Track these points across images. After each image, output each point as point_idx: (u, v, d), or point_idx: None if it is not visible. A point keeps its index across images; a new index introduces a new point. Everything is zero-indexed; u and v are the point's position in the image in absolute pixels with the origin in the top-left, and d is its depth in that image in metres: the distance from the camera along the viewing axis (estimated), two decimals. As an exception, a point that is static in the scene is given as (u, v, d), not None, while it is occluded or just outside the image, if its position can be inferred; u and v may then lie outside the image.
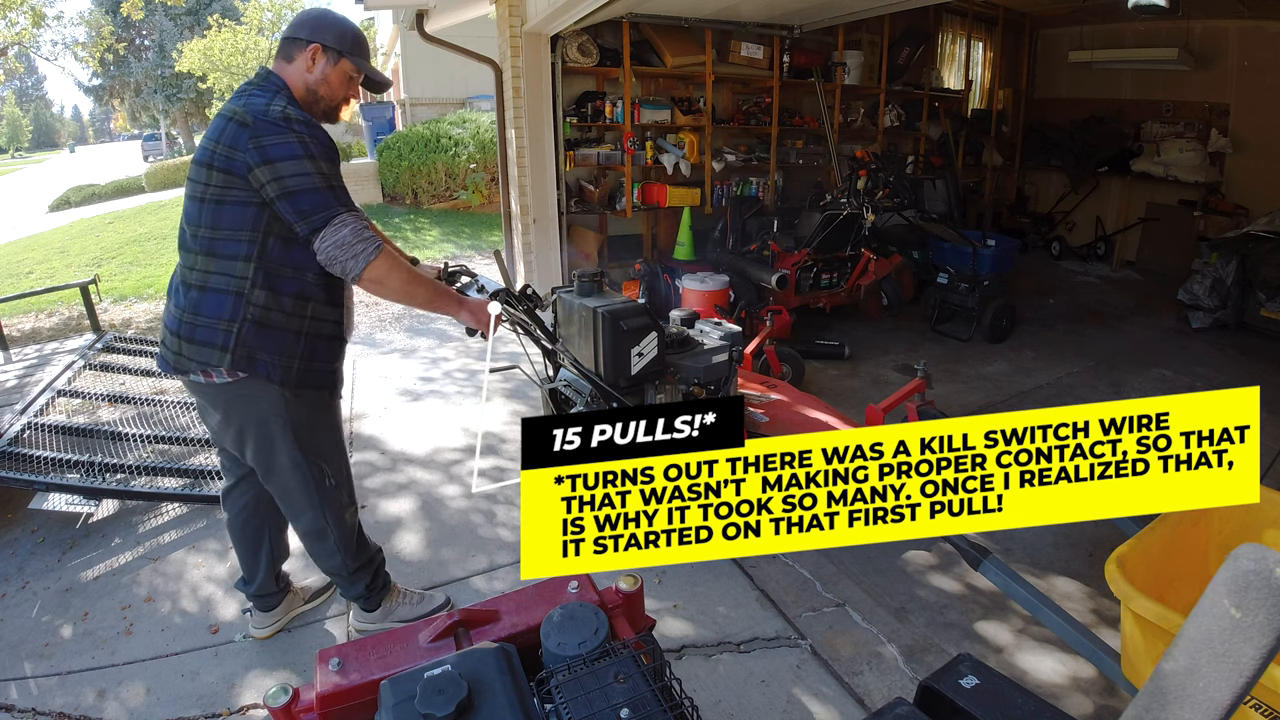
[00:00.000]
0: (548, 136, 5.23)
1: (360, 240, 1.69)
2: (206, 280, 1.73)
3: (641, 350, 2.53)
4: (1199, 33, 6.49)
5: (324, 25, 1.80)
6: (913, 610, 2.41)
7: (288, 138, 1.64)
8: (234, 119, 1.67)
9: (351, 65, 1.83)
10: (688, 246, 5.72)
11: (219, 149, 1.67)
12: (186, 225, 1.75)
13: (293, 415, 1.86)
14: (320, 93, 1.82)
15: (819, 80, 6.19)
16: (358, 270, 1.69)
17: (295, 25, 1.81)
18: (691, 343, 2.92)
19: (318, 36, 1.78)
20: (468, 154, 10.86)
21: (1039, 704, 1.07)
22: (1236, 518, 1.93)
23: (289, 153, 1.64)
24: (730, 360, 2.87)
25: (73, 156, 42.86)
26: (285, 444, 1.88)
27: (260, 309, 1.74)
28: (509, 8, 4.88)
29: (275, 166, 1.63)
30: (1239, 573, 0.73)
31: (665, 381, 2.76)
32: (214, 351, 1.73)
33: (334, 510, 2.02)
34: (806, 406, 3.28)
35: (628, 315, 2.51)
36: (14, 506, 3.03)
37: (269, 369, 1.77)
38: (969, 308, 5.15)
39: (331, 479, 1.99)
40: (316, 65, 1.79)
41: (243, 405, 1.85)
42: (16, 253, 9.66)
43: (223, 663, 2.22)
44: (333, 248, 1.67)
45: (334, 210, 1.68)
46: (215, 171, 1.67)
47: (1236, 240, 5.33)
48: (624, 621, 1.35)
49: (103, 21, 12.20)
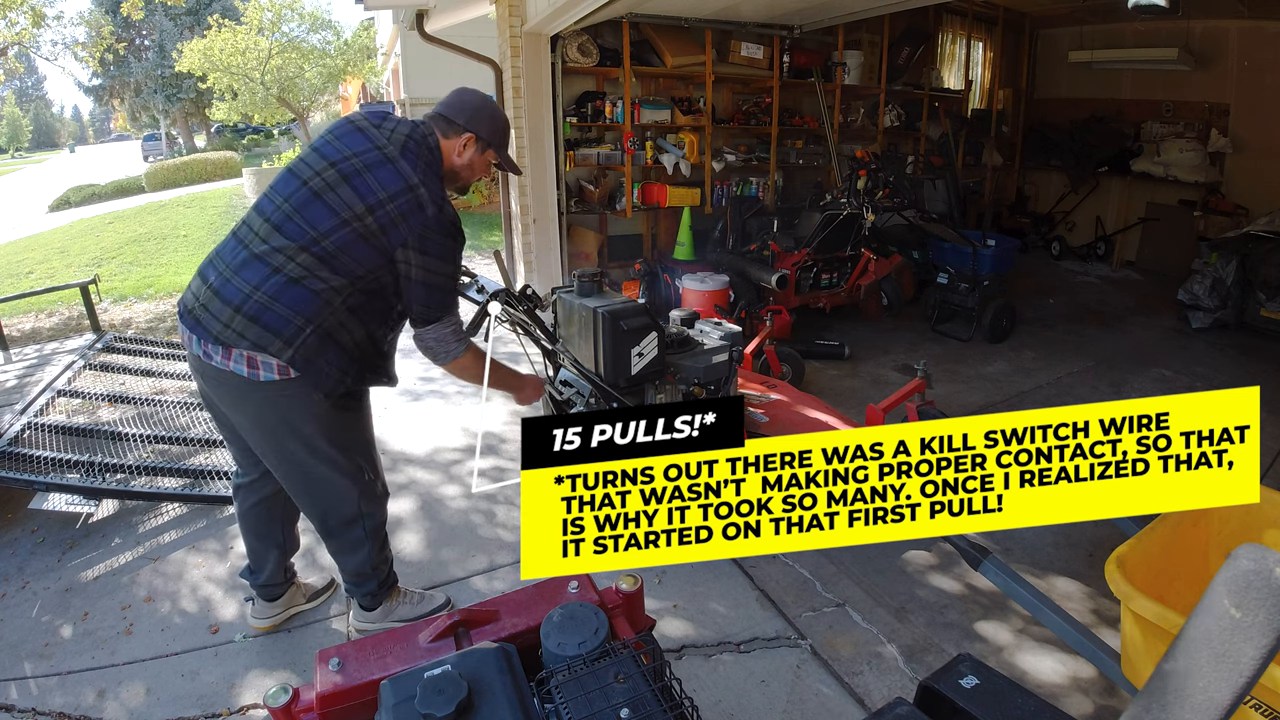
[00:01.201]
0: (548, 136, 5.23)
1: (457, 341, 1.95)
2: (303, 278, 1.75)
3: (642, 350, 2.54)
4: (1199, 33, 6.49)
5: (481, 118, 1.96)
6: (913, 610, 2.41)
7: (450, 244, 1.85)
8: (412, 189, 1.79)
9: (495, 155, 2.02)
10: (688, 246, 5.72)
11: (387, 204, 1.77)
12: (308, 227, 1.76)
13: (328, 417, 1.91)
14: (462, 175, 2.00)
15: (819, 80, 6.19)
16: (444, 363, 1.96)
17: (456, 106, 1.96)
18: (691, 343, 2.92)
19: (474, 127, 1.94)
20: (468, 154, 10.86)
21: (1039, 704, 1.07)
22: (1236, 518, 1.93)
23: (446, 255, 1.85)
24: (730, 360, 2.86)
25: (73, 156, 42.85)
26: (323, 442, 1.92)
27: (336, 323, 1.80)
28: (509, 8, 4.88)
29: (429, 260, 1.82)
30: (1239, 573, 0.73)
31: (665, 381, 2.76)
32: (277, 341, 1.73)
33: (371, 503, 2.08)
34: (806, 406, 3.28)
35: (628, 315, 2.50)
36: (14, 506, 3.03)
37: (320, 378, 1.82)
38: (969, 308, 5.15)
39: (369, 473, 2.06)
40: (467, 152, 1.96)
41: (281, 406, 1.85)
42: (16, 253, 9.66)
43: (223, 663, 2.22)
44: (433, 340, 1.92)
45: (448, 313, 1.92)
46: (373, 219, 1.77)
47: (1236, 240, 5.33)
48: (624, 621, 1.35)
49: (103, 21, 12.18)
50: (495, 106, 2.04)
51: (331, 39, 13.62)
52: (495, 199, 10.14)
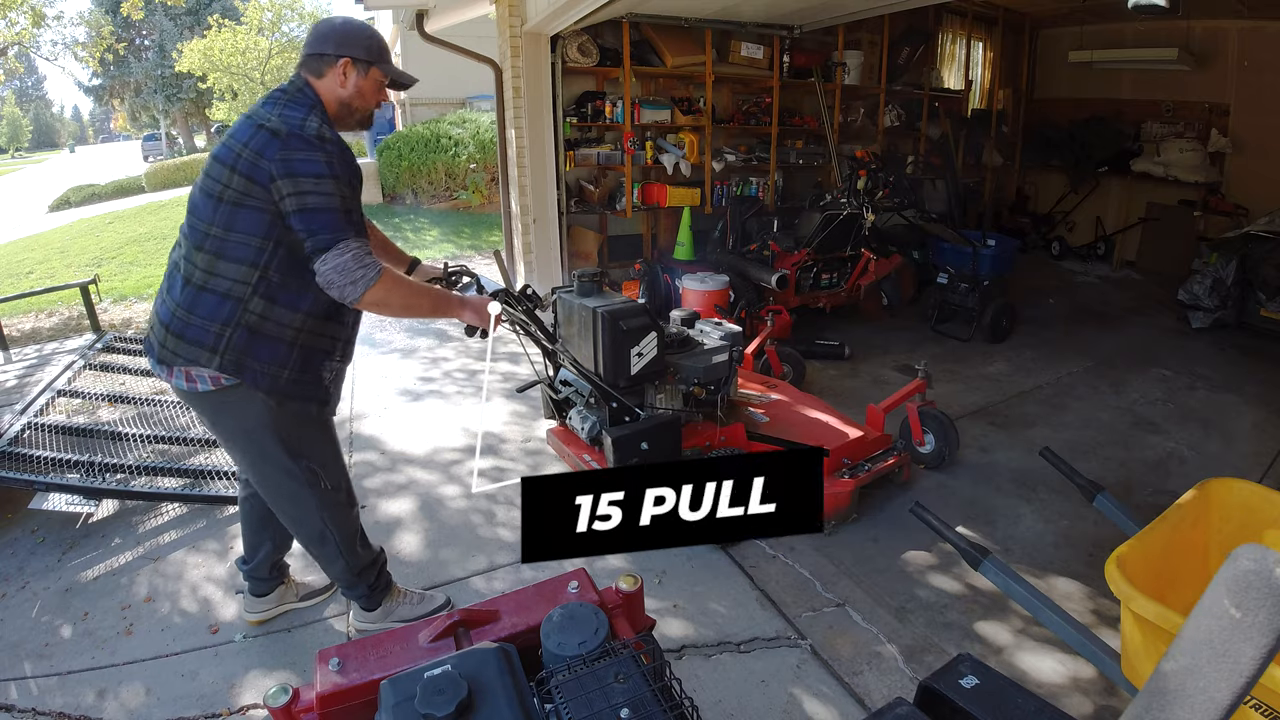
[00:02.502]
0: (548, 136, 5.23)
1: (361, 266, 1.70)
2: (208, 281, 1.72)
3: (641, 350, 2.54)
4: (1199, 33, 6.49)
5: (350, 38, 1.81)
6: (913, 610, 2.41)
7: (316, 155, 1.67)
8: (266, 127, 1.68)
9: (380, 72, 1.86)
10: (688, 246, 5.72)
11: (245, 153, 1.67)
12: (198, 221, 1.74)
13: (279, 423, 1.86)
14: (355, 105, 1.85)
15: (819, 80, 6.19)
16: (356, 296, 1.71)
17: (320, 39, 1.81)
18: (691, 343, 2.92)
19: (346, 50, 1.79)
20: (468, 154, 10.87)
21: (1039, 704, 1.07)
22: (1236, 518, 1.93)
23: (314, 170, 1.66)
24: (730, 360, 2.86)
25: (73, 156, 42.85)
26: (275, 451, 1.88)
27: (256, 316, 1.73)
28: (509, 8, 4.88)
29: (298, 180, 1.65)
30: (1239, 573, 0.73)
31: (665, 381, 2.75)
32: (203, 352, 1.73)
33: (333, 513, 2.02)
34: (807, 406, 3.28)
35: (628, 315, 2.50)
36: (14, 506, 3.03)
37: (256, 377, 1.76)
38: (969, 308, 5.15)
39: (327, 483, 1.99)
40: (349, 79, 1.81)
41: (229, 414, 1.86)
42: (16, 253, 9.66)
43: (223, 663, 2.22)
44: (332, 271, 1.68)
45: (341, 234, 1.69)
46: (238, 175, 1.67)
47: (1236, 240, 5.33)
48: (624, 621, 1.35)
49: (103, 21, 12.19)
50: (360, 23, 1.89)
51: (331, 39, 13.64)
52: (495, 199, 10.14)
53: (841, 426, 3.11)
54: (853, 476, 2.85)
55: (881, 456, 3.03)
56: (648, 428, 2.60)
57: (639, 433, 2.57)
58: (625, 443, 2.54)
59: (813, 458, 2.44)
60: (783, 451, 2.53)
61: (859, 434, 3.03)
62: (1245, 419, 3.89)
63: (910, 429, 3.32)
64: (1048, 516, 2.97)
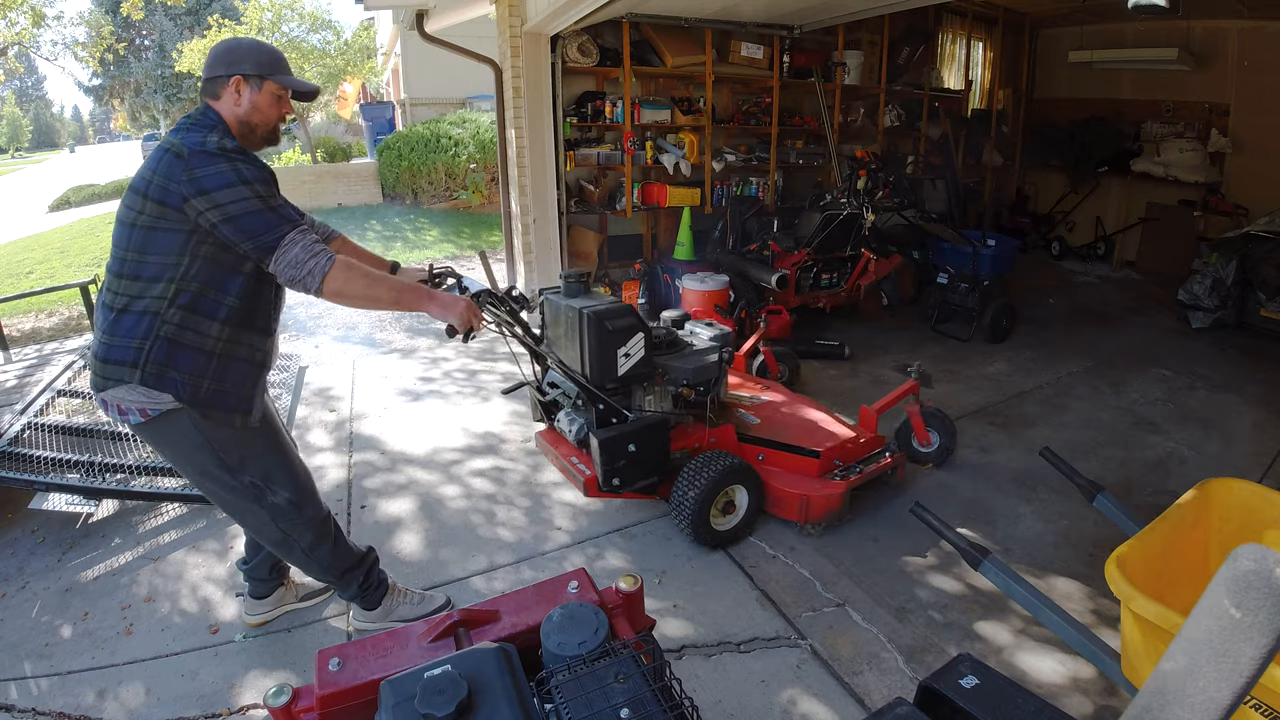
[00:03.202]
0: (548, 136, 5.22)
1: (311, 256, 1.69)
2: (129, 304, 1.73)
3: (628, 351, 2.51)
4: (1199, 33, 6.49)
5: (238, 55, 1.80)
6: (913, 610, 2.41)
7: (220, 166, 1.66)
8: (171, 151, 1.68)
9: (276, 85, 1.83)
10: (688, 246, 5.72)
11: (155, 179, 1.68)
12: (117, 249, 1.75)
13: (213, 441, 1.86)
14: (254, 121, 1.83)
15: (819, 80, 6.19)
16: (316, 286, 1.70)
17: (211, 62, 1.81)
18: (681, 343, 2.89)
19: (235, 69, 1.78)
20: (468, 154, 10.86)
21: (1039, 704, 1.07)
22: (1236, 518, 1.93)
23: (223, 181, 1.65)
24: (720, 361, 2.83)
25: (73, 156, 42.83)
26: (215, 471, 1.89)
27: (174, 326, 1.74)
28: (509, 8, 4.88)
29: (211, 195, 1.64)
30: (1239, 573, 0.73)
31: (654, 383, 2.72)
32: (125, 369, 1.73)
33: (289, 523, 2.01)
34: (800, 408, 3.26)
35: (614, 315, 2.47)
36: (14, 506, 3.03)
37: (178, 387, 1.76)
38: (969, 308, 5.15)
39: (276, 494, 1.97)
40: (243, 96, 1.79)
41: (163, 443, 1.89)
42: (16, 253, 9.66)
43: (223, 663, 2.22)
44: (288, 268, 1.68)
45: (279, 230, 1.68)
46: (150, 201, 1.68)
47: (1236, 240, 5.33)
48: (624, 621, 1.35)
49: (103, 21, 12.18)
50: (250, 40, 1.90)
51: (331, 39, 13.60)
52: (495, 199, 10.15)
53: (834, 428, 3.08)
54: (844, 478, 2.83)
55: (875, 458, 3.00)
56: (635, 429, 2.56)
57: (626, 434, 2.53)
58: (612, 445, 2.51)
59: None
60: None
61: (850, 435, 2.99)
62: (1245, 419, 3.89)
63: (914, 430, 3.32)
64: (1048, 516, 2.97)
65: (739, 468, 2.69)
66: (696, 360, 2.80)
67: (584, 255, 5.83)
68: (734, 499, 2.76)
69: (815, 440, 2.93)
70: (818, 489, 2.78)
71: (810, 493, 2.75)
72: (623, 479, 2.58)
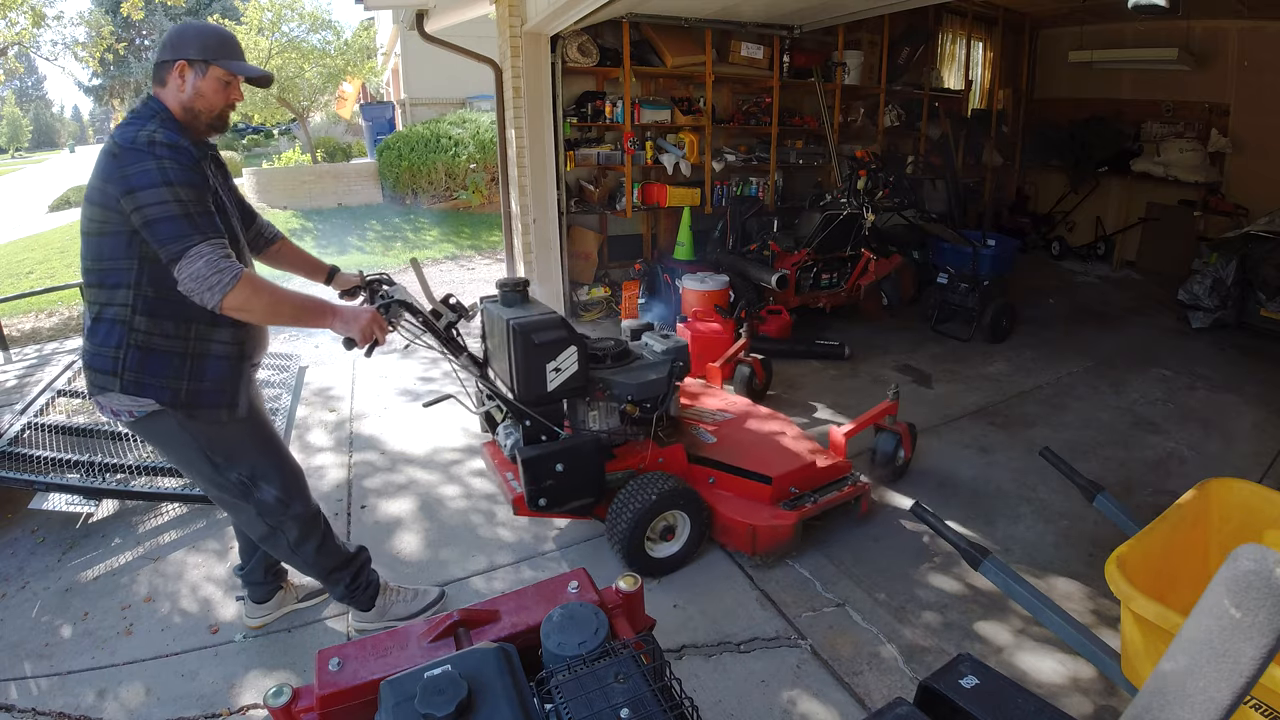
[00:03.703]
0: (548, 136, 5.22)
1: (215, 272, 1.62)
2: (101, 312, 1.74)
3: (559, 366, 2.38)
4: (1199, 33, 6.49)
5: (184, 39, 1.75)
6: (913, 610, 2.41)
7: (148, 164, 1.60)
8: (107, 151, 1.66)
9: (222, 70, 1.77)
10: (688, 246, 5.72)
11: (96, 183, 1.66)
12: (82, 261, 1.76)
13: (200, 438, 1.86)
14: (198, 108, 1.77)
15: (819, 80, 6.19)
16: (215, 302, 1.64)
17: (160, 46, 1.77)
18: (629, 357, 2.73)
19: (180, 53, 1.73)
20: (468, 154, 10.86)
21: (1039, 704, 1.07)
22: (1236, 518, 1.93)
23: (147, 180, 1.60)
24: (670, 376, 2.65)
25: (73, 156, 42.78)
26: (204, 467, 1.90)
27: (143, 334, 1.73)
28: (509, 8, 4.88)
29: (135, 196, 1.60)
30: (1239, 573, 0.73)
31: (595, 399, 2.59)
32: (107, 377, 1.75)
33: (277, 518, 2.01)
34: (765, 426, 3.07)
35: (542, 328, 2.33)
36: (14, 506, 3.03)
37: (158, 393, 1.76)
38: (969, 308, 5.15)
39: (265, 491, 1.97)
40: (187, 82, 1.74)
41: (155, 440, 1.91)
42: (16, 253, 9.65)
43: (223, 663, 2.22)
44: (189, 280, 1.62)
45: (189, 240, 1.61)
46: (95, 206, 1.67)
47: (1236, 240, 5.33)
48: (624, 621, 1.35)
49: (103, 21, 12.14)
50: (198, 24, 1.84)
51: (331, 39, 13.60)
52: (495, 199, 10.14)
53: (795, 451, 2.85)
54: (795, 508, 2.63)
55: (837, 485, 2.81)
56: (564, 448, 2.40)
57: (553, 454, 2.37)
58: (537, 464, 2.36)
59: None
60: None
61: (809, 461, 2.77)
62: (1245, 419, 3.89)
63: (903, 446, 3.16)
64: (1048, 516, 2.97)
65: (679, 492, 2.51)
66: (642, 375, 2.62)
67: (584, 255, 5.83)
68: (674, 525, 2.58)
69: (769, 465, 2.72)
70: (767, 518, 2.58)
71: (758, 522, 2.56)
72: (550, 499, 2.43)
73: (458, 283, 7.65)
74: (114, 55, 22.35)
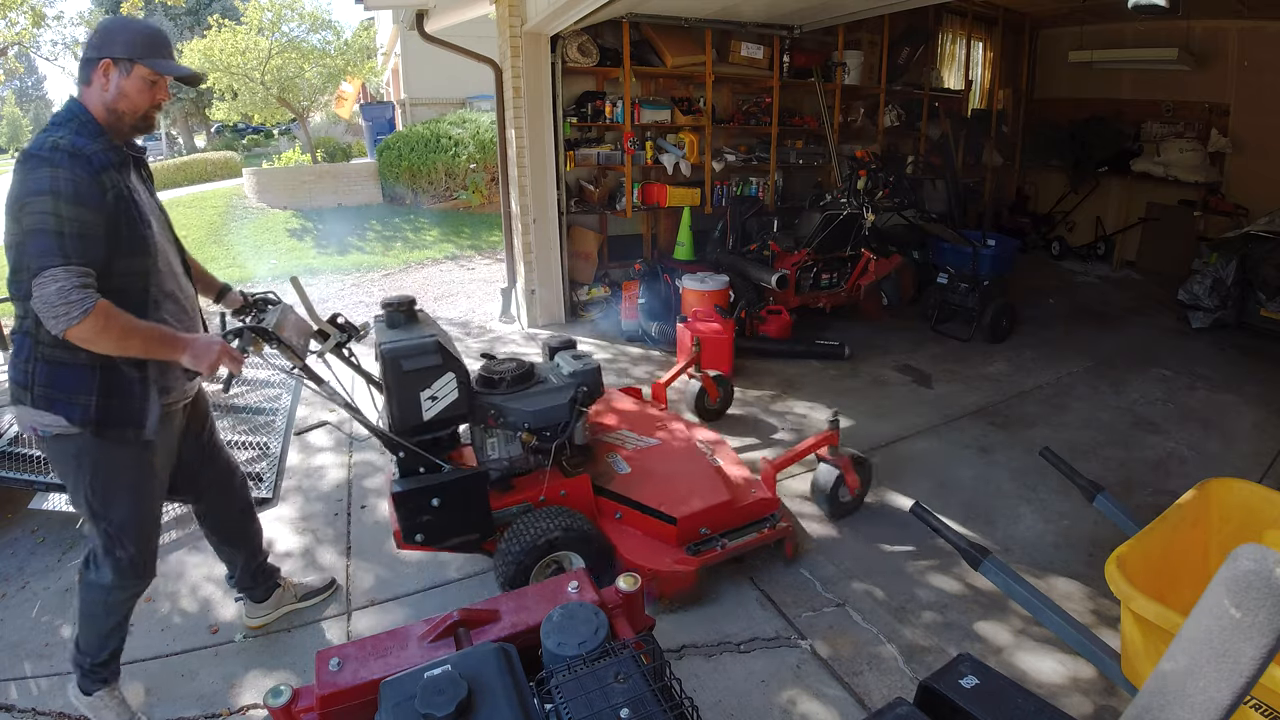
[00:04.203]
0: (548, 136, 5.22)
1: (63, 302, 1.52)
2: (18, 324, 1.71)
3: (435, 394, 2.23)
4: (1199, 33, 6.49)
5: (110, 36, 1.67)
6: (913, 610, 2.41)
7: (43, 172, 1.54)
8: (19, 158, 1.59)
9: (147, 70, 1.68)
10: (688, 246, 5.72)
11: (10, 193, 1.59)
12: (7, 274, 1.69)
13: (98, 462, 1.77)
14: (121, 108, 1.69)
15: (819, 80, 6.19)
16: (59, 330, 1.55)
17: (87, 44, 1.70)
18: (531, 380, 2.52)
19: (105, 51, 1.65)
20: (468, 154, 10.86)
21: (1039, 704, 1.07)
22: (1236, 518, 1.93)
23: (38, 188, 1.53)
24: (573, 402, 2.43)
25: (73, 156, 42.74)
26: (83, 499, 1.80)
27: (48, 347, 1.66)
28: (509, 8, 4.88)
29: (24, 201, 1.54)
30: (1239, 573, 0.73)
31: (489, 427, 2.42)
32: (20, 390, 1.71)
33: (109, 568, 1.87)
34: (689, 455, 2.81)
35: (414, 354, 2.18)
36: (14, 506, 3.03)
37: (67, 409, 1.69)
38: (969, 308, 5.15)
39: (123, 548, 1.85)
40: (111, 81, 1.66)
41: (55, 463, 1.85)
42: (16, 253, 9.65)
43: (223, 663, 2.22)
44: (38, 303, 1.53)
45: (48, 260, 1.52)
46: (9, 217, 1.61)
47: (1236, 240, 5.33)
48: (624, 621, 1.35)
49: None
50: (124, 19, 1.75)
51: (331, 39, 13.61)
52: (495, 199, 10.14)
53: (710, 487, 2.60)
54: (698, 553, 2.44)
55: (758, 525, 2.59)
56: (441, 483, 2.22)
57: (429, 488, 2.21)
58: (409, 499, 2.20)
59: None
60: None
61: (725, 499, 2.54)
62: (1245, 419, 3.89)
63: (846, 482, 2.87)
64: (1048, 516, 2.97)
65: (571, 532, 2.27)
66: (541, 401, 2.41)
67: (584, 255, 5.83)
68: (566, 567, 2.36)
69: (676, 503, 2.50)
70: (668, 563, 2.38)
71: (659, 567, 2.36)
72: (428, 535, 2.26)
73: (458, 283, 7.64)
74: (114, 55, 22.38)
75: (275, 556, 2.75)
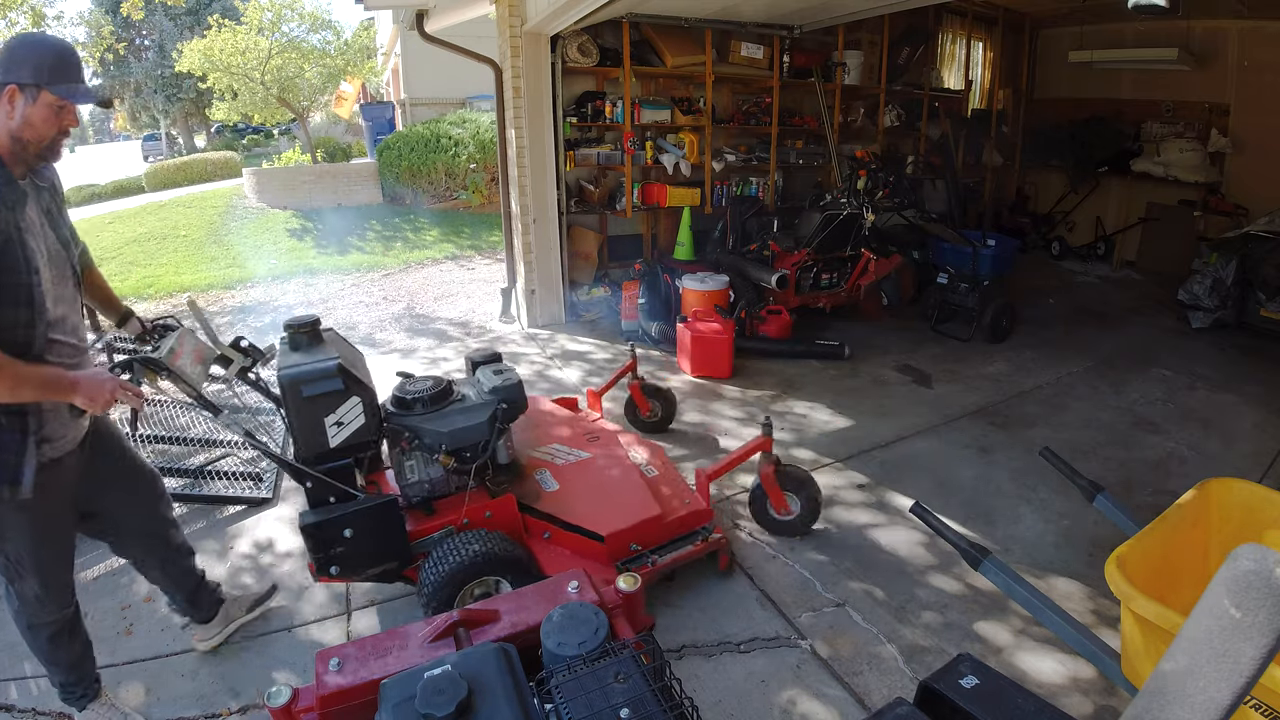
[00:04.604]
0: (548, 136, 5.22)
1: None
2: None
3: (340, 420, 2.13)
4: (1199, 33, 6.49)
5: (17, 60, 1.55)
6: (913, 610, 2.41)
7: None
8: None
9: (54, 96, 1.57)
10: (688, 246, 5.73)
11: None
12: None
13: None
14: (26, 137, 1.57)
15: (819, 80, 6.19)
16: None
17: None
18: (448, 399, 2.42)
19: (11, 75, 1.54)
20: (468, 154, 10.86)
21: (1039, 704, 1.07)
22: (1236, 518, 1.93)
23: None
24: (492, 420, 2.34)
25: (72, 156, 42.82)
26: None
27: None
28: (509, 8, 4.88)
29: None
30: (1239, 573, 0.73)
31: (405, 449, 2.35)
32: None
33: (29, 607, 1.82)
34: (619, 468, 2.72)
35: (314, 380, 2.07)
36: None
37: None
38: (969, 308, 5.15)
39: (26, 582, 1.77)
40: (16, 109, 1.55)
41: None
42: (16, 253, 9.65)
43: (223, 663, 2.22)
44: None
45: None
46: None
47: (1236, 240, 5.33)
48: (624, 621, 1.35)
49: (103, 21, 12.15)
50: (33, 39, 1.62)
51: (331, 39, 13.61)
52: (495, 199, 10.14)
53: (639, 501, 2.53)
54: (629, 568, 2.34)
55: (690, 538, 2.51)
56: (350, 512, 2.12)
57: (338, 519, 2.10)
58: (319, 531, 2.09)
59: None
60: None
61: (653, 515, 2.46)
62: (1245, 419, 3.89)
63: (769, 496, 2.73)
64: (1048, 516, 2.97)
65: (492, 555, 2.14)
66: (458, 421, 2.31)
67: (584, 255, 5.83)
68: (493, 591, 2.24)
69: (603, 519, 2.41)
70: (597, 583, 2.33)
71: None
72: (343, 567, 2.15)
73: (457, 283, 7.64)
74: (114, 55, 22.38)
75: (276, 556, 2.75)
